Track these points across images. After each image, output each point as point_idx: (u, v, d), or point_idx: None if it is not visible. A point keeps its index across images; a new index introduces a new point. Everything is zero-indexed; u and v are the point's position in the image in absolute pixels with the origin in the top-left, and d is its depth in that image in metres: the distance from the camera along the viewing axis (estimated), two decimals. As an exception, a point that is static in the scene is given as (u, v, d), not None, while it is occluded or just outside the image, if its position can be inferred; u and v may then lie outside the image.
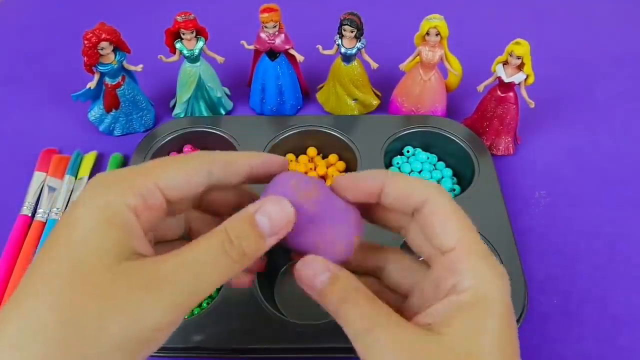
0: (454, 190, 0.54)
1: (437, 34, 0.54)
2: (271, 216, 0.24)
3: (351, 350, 0.25)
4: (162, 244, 0.28)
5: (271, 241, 0.25)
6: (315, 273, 0.25)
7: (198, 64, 0.58)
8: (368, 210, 0.29)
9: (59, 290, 0.21)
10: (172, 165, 0.25)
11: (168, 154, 0.57)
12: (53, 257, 0.22)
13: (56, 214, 0.52)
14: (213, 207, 0.30)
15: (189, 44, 0.56)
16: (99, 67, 0.54)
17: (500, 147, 0.58)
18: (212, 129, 0.57)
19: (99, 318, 0.21)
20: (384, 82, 0.63)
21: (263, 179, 0.28)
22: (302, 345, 0.42)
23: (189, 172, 0.25)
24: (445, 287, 0.24)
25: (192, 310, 0.46)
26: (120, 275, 0.21)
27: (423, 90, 0.58)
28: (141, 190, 0.23)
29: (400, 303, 0.28)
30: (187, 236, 0.30)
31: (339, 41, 0.56)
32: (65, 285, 0.21)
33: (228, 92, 0.64)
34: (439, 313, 0.24)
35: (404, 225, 0.28)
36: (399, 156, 0.57)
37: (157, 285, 0.22)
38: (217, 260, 0.23)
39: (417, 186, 0.26)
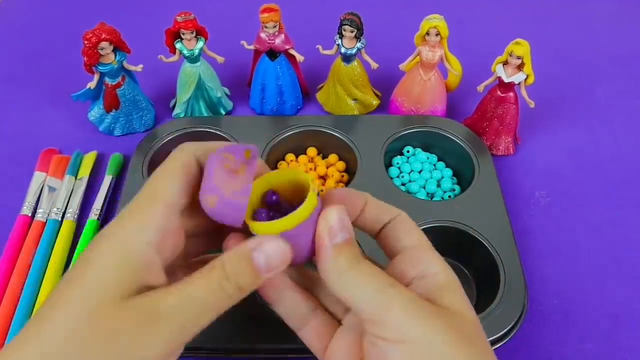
0: (454, 190, 0.54)
1: (437, 34, 0.54)
2: (268, 254, 0.25)
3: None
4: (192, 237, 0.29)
5: (267, 277, 0.26)
6: (337, 228, 0.26)
7: (198, 64, 0.58)
8: None
9: (72, 325, 0.22)
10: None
11: (168, 154, 0.57)
12: (68, 293, 0.23)
13: (56, 214, 0.52)
14: None
15: (189, 44, 0.56)
16: (99, 67, 0.55)
17: (500, 147, 0.58)
18: (212, 129, 0.57)
19: (103, 352, 0.22)
20: (384, 82, 0.63)
21: None
22: (302, 346, 0.42)
23: None
24: (413, 273, 0.27)
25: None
26: (125, 312, 0.23)
27: (423, 90, 0.58)
28: (159, 224, 0.24)
29: None
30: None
31: (339, 41, 0.56)
32: (77, 320, 0.23)
33: (228, 92, 0.64)
34: (422, 291, 0.26)
35: None
36: (399, 156, 0.57)
37: (156, 321, 0.23)
38: (214, 296, 0.24)
39: (389, 208, 0.30)
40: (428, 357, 0.23)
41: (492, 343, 0.42)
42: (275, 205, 0.28)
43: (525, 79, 0.53)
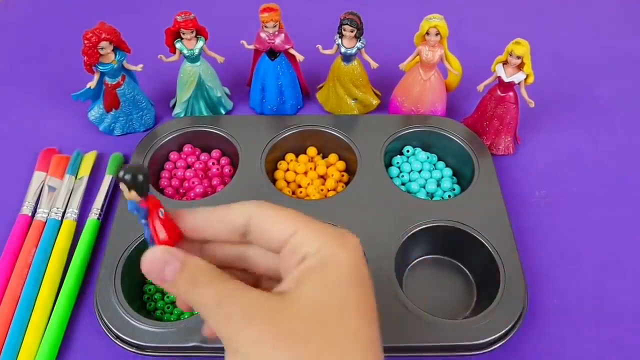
0: (454, 189, 0.54)
1: (437, 34, 0.54)
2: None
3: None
4: None
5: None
6: (163, 265, 0.25)
7: (198, 63, 0.58)
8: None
9: None
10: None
11: (168, 154, 0.57)
12: None
13: (56, 213, 0.52)
14: None
15: (189, 44, 0.56)
16: (99, 66, 0.55)
17: (500, 147, 0.58)
18: (212, 128, 0.57)
19: None
20: (384, 82, 0.63)
21: None
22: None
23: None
24: (296, 261, 0.26)
25: (192, 310, 0.46)
26: None
27: (423, 89, 0.58)
28: None
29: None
30: None
31: (339, 41, 0.56)
32: None
33: (228, 92, 0.64)
34: (292, 280, 0.25)
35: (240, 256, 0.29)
36: (398, 156, 0.57)
37: None
38: None
39: (235, 209, 0.27)
40: None
41: (492, 343, 0.42)
42: None
43: (525, 79, 0.53)
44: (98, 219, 0.52)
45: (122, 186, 0.25)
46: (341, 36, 0.55)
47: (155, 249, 0.26)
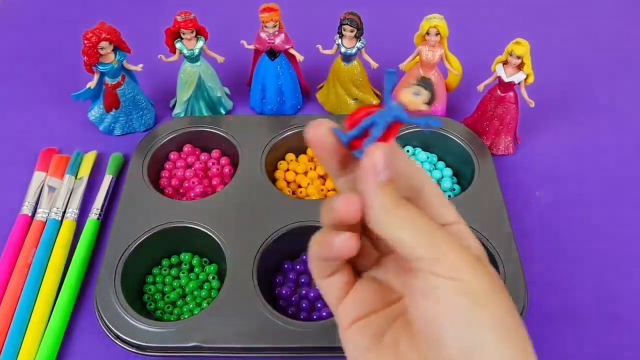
0: (454, 190, 0.54)
1: (437, 34, 0.54)
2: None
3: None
4: None
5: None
6: (385, 166, 0.25)
7: (198, 63, 0.58)
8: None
9: None
10: None
11: (168, 154, 0.57)
12: None
13: (56, 213, 0.52)
14: None
15: (189, 44, 0.56)
16: (99, 66, 0.55)
17: (500, 147, 0.58)
18: (212, 128, 0.57)
19: None
20: (384, 82, 0.63)
21: None
22: (302, 345, 0.42)
23: None
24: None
25: (192, 310, 0.46)
26: None
27: (423, 90, 0.58)
28: None
29: None
30: None
31: (339, 41, 0.56)
32: None
33: (228, 92, 0.64)
34: None
35: None
36: (399, 156, 0.57)
37: None
38: None
39: (420, 171, 0.29)
40: (474, 297, 0.24)
41: (492, 343, 0.42)
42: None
43: (525, 79, 0.53)
44: (98, 219, 0.52)
45: (421, 90, 0.26)
46: (341, 36, 0.55)
47: (387, 149, 0.25)
